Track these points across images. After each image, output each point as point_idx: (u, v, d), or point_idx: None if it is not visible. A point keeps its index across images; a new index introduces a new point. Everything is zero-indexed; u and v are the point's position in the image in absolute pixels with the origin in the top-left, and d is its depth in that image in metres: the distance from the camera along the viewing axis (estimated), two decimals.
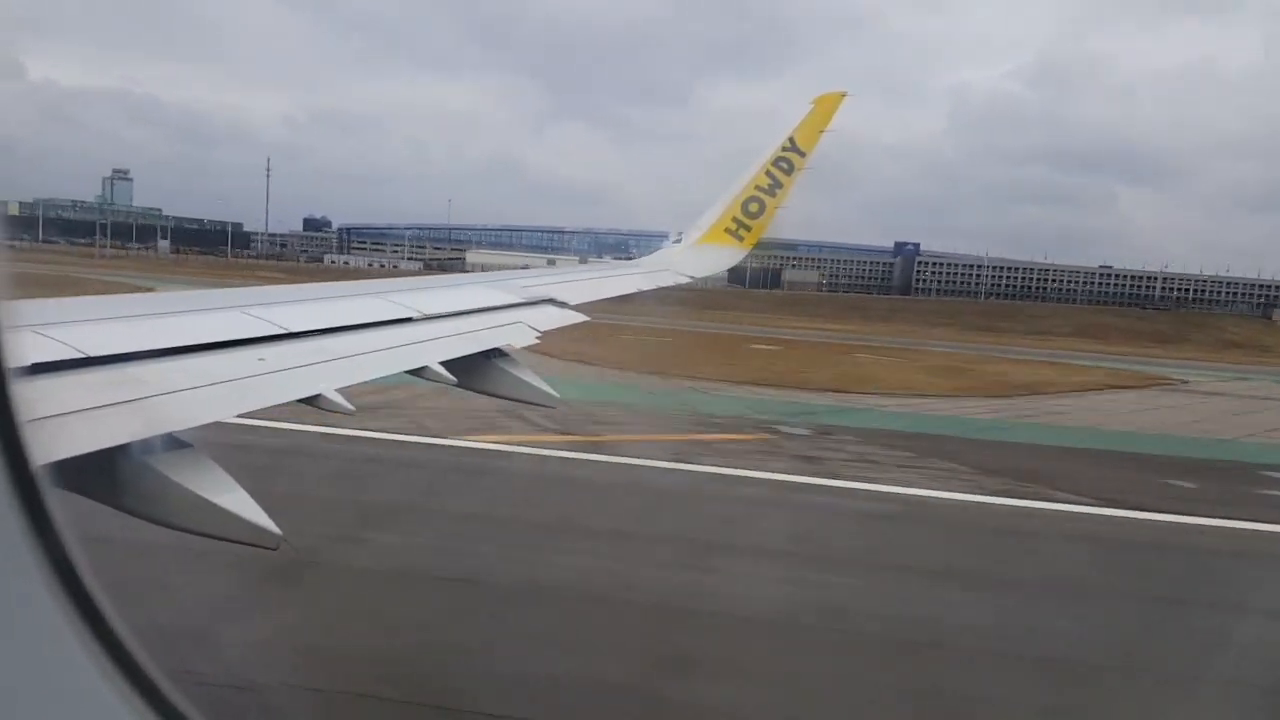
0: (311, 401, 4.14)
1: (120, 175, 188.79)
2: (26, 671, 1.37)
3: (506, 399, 6.10)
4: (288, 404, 4.08)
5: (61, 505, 1.47)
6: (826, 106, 10.79)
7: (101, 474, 3.16)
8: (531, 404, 6.20)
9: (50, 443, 2.62)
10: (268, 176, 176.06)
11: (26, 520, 1.39)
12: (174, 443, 3.45)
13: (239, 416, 3.79)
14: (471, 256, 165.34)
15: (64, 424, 2.93)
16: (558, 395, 6.27)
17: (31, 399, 1.41)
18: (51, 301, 4.17)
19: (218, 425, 3.54)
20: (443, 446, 16.75)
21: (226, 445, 3.68)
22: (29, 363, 2.92)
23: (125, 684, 1.46)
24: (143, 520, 3.37)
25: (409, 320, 5.65)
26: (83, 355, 3.38)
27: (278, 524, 3.42)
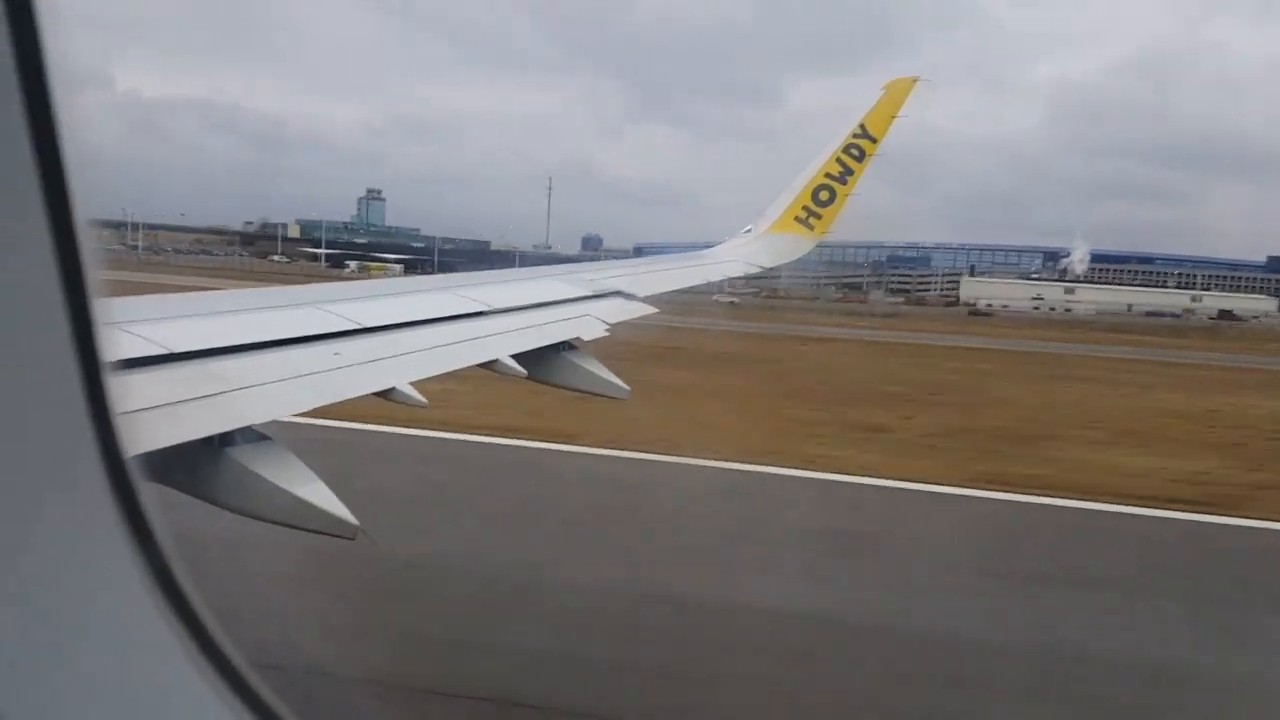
0: (385, 395, 4.20)
1: (374, 195, 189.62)
2: (119, 653, 1.42)
3: (577, 391, 6.11)
4: (362, 397, 4.15)
5: (153, 496, 1.51)
6: (898, 91, 10.54)
7: (185, 465, 3.25)
8: (602, 396, 6.19)
9: (136, 436, 2.69)
10: (549, 195, 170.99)
11: (121, 511, 1.44)
12: (254, 435, 3.54)
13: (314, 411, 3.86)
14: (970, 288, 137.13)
15: (149, 418, 3.01)
16: (627, 388, 6.25)
17: (122, 395, 1.44)
18: (136, 299, 4.30)
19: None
20: None
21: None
22: (116, 359, 3.01)
23: (208, 666, 1.49)
24: (226, 510, 3.46)
25: (480, 314, 5.69)
26: (166, 351, 3.48)
27: None
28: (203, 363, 3.62)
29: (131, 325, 3.54)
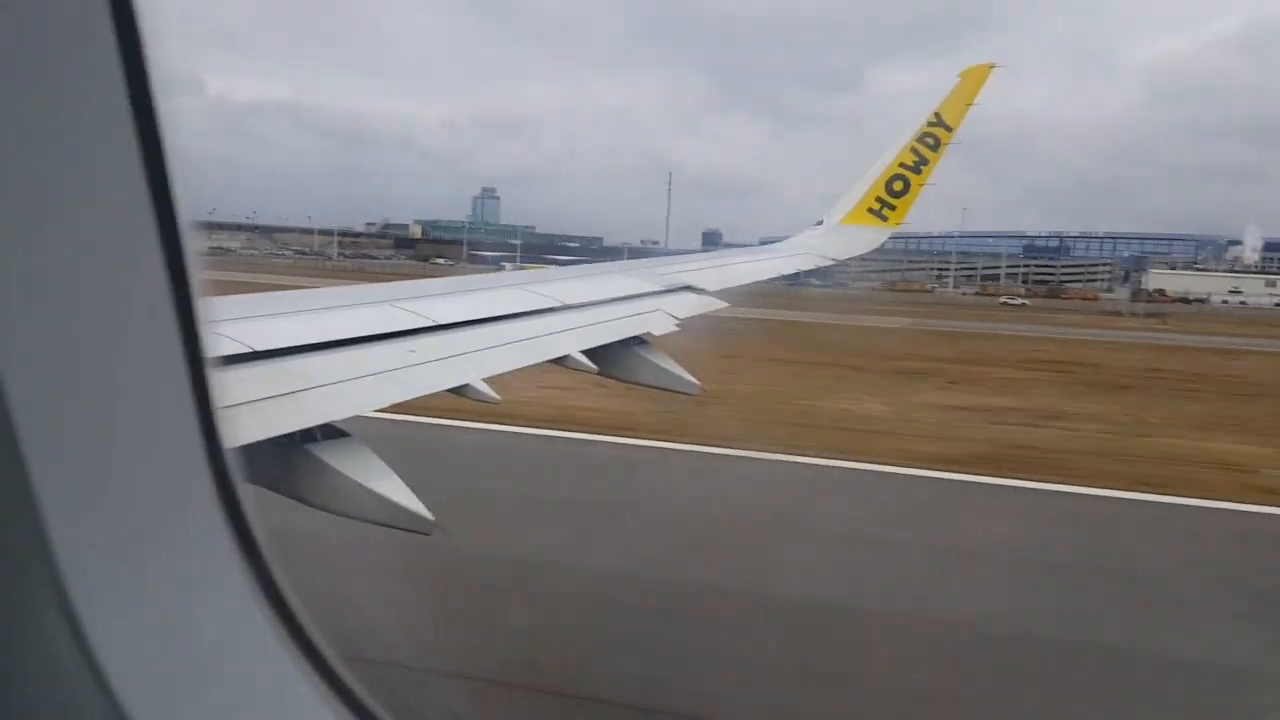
0: (459, 391, 4.25)
1: (489, 194, 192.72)
2: (217, 641, 1.47)
3: (648, 386, 6.11)
4: (437, 394, 4.22)
5: (248, 488, 1.56)
6: (974, 79, 10.29)
7: (266, 462, 3.33)
8: (673, 391, 6.18)
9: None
10: (669, 192, 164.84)
11: (221, 504, 1.49)
12: (333, 431, 3.62)
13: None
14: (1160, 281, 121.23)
15: (232, 415, 3.09)
16: (698, 383, 6.23)
17: (220, 390, 1.50)
18: (218, 299, 4.43)
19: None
20: None
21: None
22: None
23: (301, 657, 1.54)
24: (305, 505, 3.54)
25: (551, 310, 5.73)
26: (249, 350, 3.58)
27: None
28: (283, 361, 3.71)
29: (213, 324, 3.64)
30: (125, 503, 1.34)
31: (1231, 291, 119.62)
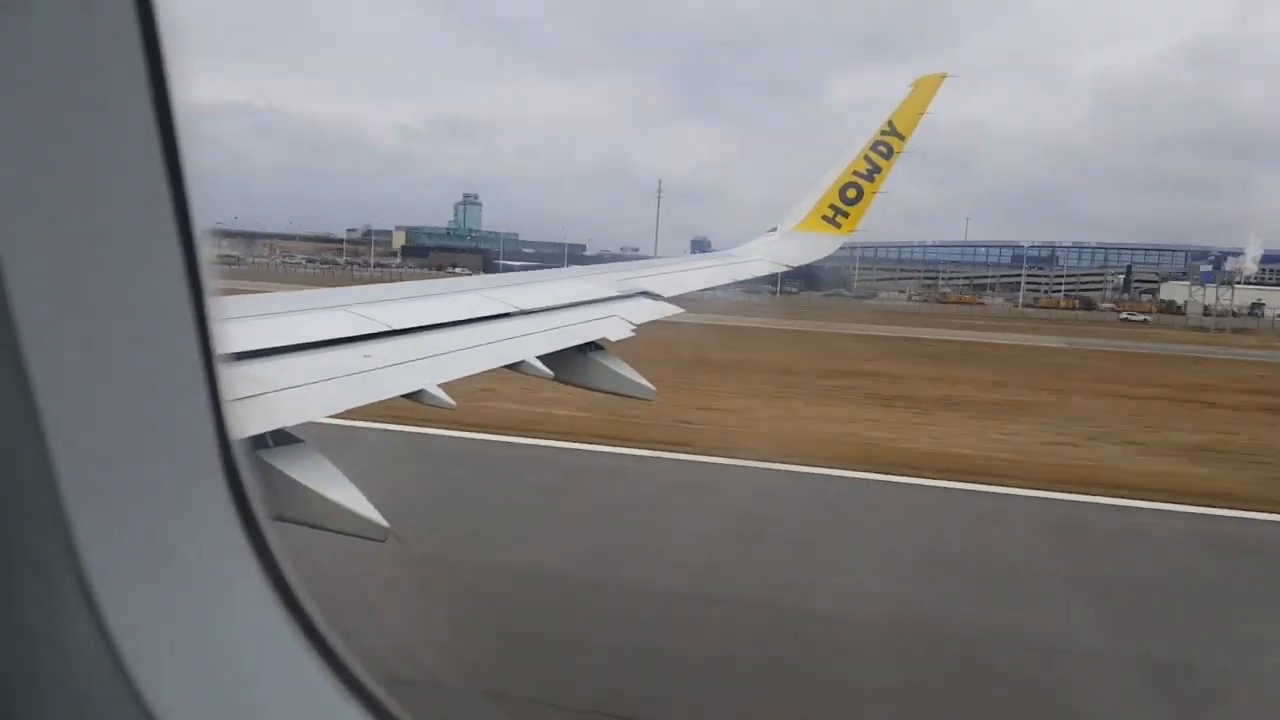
0: (414, 397, 4.24)
1: (471, 200, 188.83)
2: (233, 635, 1.51)
3: (603, 392, 6.14)
4: (392, 399, 4.20)
5: (256, 480, 1.61)
6: (926, 89, 10.47)
7: None
8: (629, 397, 6.21)
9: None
10: (659, 199, 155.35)
11: (231, 494, 1.53)
12: (285, 438, 3.59)
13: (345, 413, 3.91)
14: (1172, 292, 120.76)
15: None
16: (654, 389, 6.27)
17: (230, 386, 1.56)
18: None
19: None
20: None
21: None
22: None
23: (313, 651, 1.58)
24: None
25: (506, 315, 5.73)
26: None
27: None
28: (235, 365, 3.67)
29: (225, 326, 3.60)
30: (147, 497, 1.38)
31: (1255, 305, 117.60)
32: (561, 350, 5.63)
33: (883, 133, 10.33)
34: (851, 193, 10.33)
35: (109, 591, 1.26)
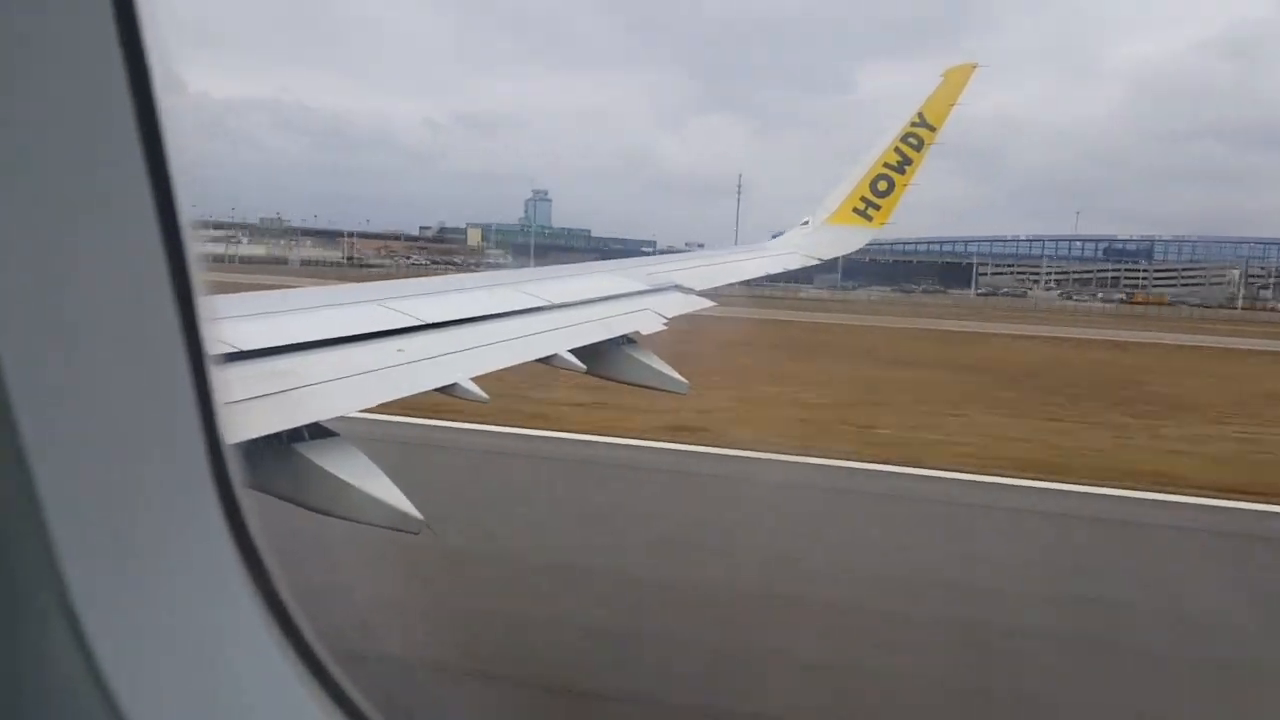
0: (447, 390, 4.24)
1: (540, 196, 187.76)
2: (217, 644, 1.47)
3: (636, 385, 6.11)
4: (425, 393, 4.19)
5: (245, 483, 1.57)
6: (957, 79, 10.34)
7: (254, 461, 3.31)
8: (662, 390, 6.18)
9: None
10: (738, 195, 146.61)
11: (221, 505, 1.49)
12: (321, 431, 3.59)
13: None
14: None
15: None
16: (687, 382, 6.24)
17: (221, 386, 1.52)
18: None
19: None
20: None
21: None
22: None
23: (298, 659, 1.55)
24: (293, 504, 3.52)
25: (539, 309, 5.72)
26: (235, 350, 3.55)
27: None
28: (271, 360, 3.68)
29: (215, 325, 3.61)
30: (128, 503, 1.34)
31: None
32: (593, 344, 5.60)
33: (913, 124, 10.21)
34: (883, 185, 10.22)
35: (90, 604, 1.22)
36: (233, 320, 3.87)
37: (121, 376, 1.33)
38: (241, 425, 3.10)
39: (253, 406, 3.30)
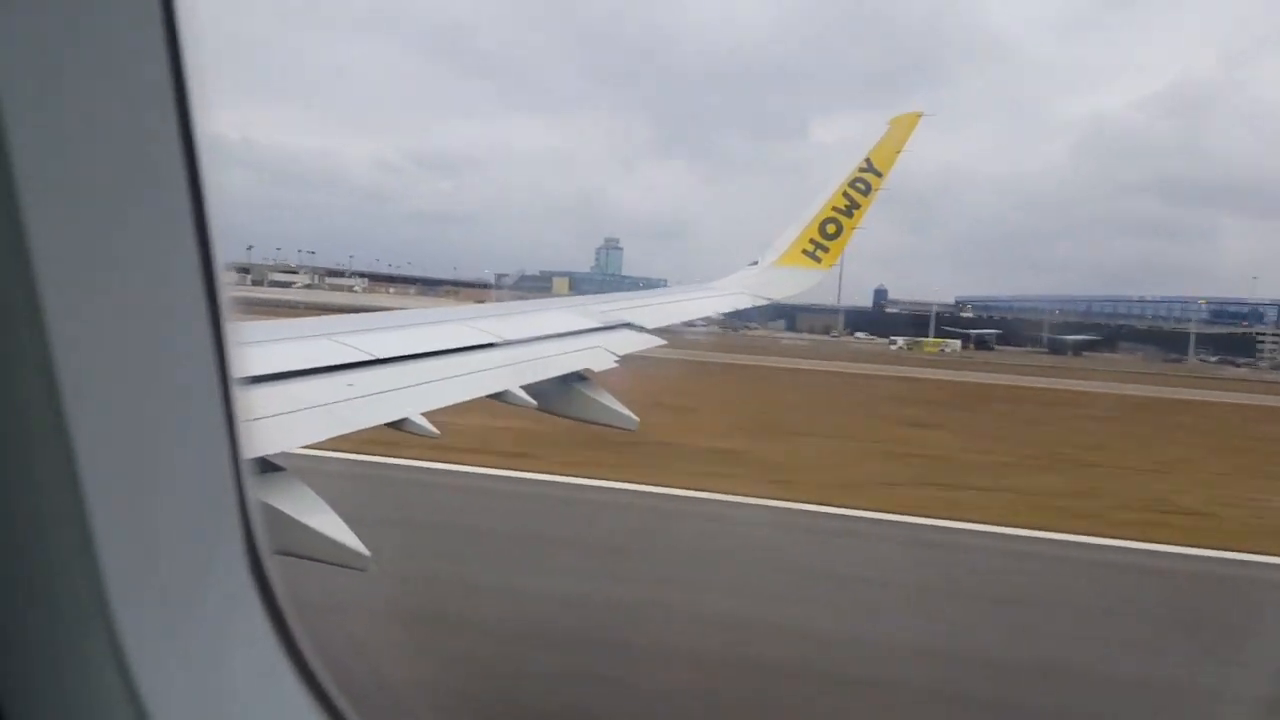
0: (398, 425, 4.23)
1: (612, 245, 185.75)
2: (228, 649, 1.52)
3: (587, 422, 6.13)
4: (375, 428, 4.18)
5: (258, 501, 1.62)
6: (903, 126, 10.69)
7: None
8: (611, 427, 6.21)
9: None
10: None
11: (239, 516, 1.54)
12: (267, 466, 3.56)
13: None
14: None
15: None
16: (637, 419, 6.28)
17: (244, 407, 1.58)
18: None
19: None
20: None
21: None
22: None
23: (294, 670, 1.58)
24: None
25: (491, 345, 5.73)
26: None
27: None
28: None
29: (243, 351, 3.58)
30: (166, 524, 1.39)
31: None
32: (545, 380, 5.63)
33: (861, 170, 10.51)
34: (831, 228, 10.47)
35: (127, 617, 1.26)
36: None
37: (163, 400, 1.37)
38: None
39: None
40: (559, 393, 5.91)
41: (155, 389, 1.36)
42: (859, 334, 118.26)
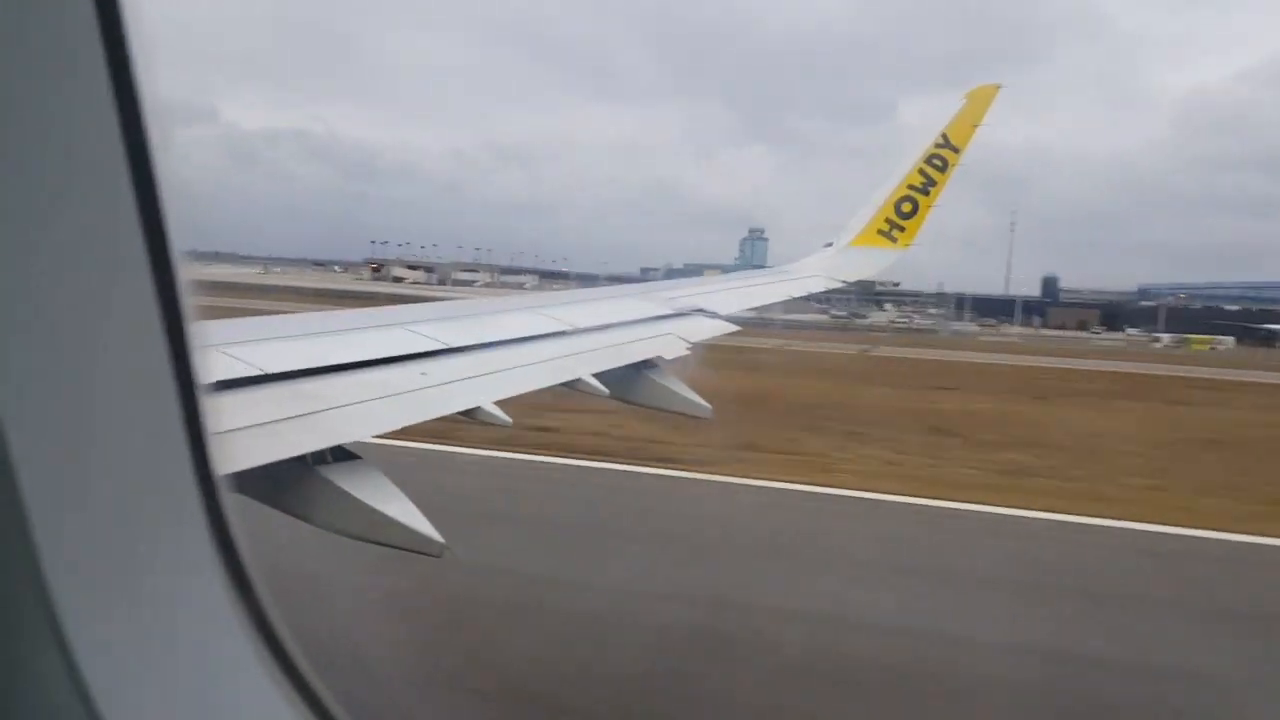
0: (470, 414, 4.25)
1: (757, 235, 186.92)
2: (198, 658, 1.47)
3: (658, 410, 6.10)
4: (449, 416, 4.21)
5: (242, 513, 1.58)
6: (980, 100, 10.34)
7: (281, 483, 3.34)
8: (684, 415, 6.16)
9: (235, 455, 2.78)
10: (1012, 231, 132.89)
11: (210, 526, 1.50)
12: (344, 454, 3.62)
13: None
14: None
15: (244, 437, 3.11)
16: (710, 407, 6.21)
17: (218, 414, 1.51)
18: (233, 322, 4.46)
19: None
20: None
21: None
22: (216, 380, 3.12)
23: (282, 676, 1.54)
24: (317, 527, 3.54)
25: (562, 334, 5.74)
26: (262, 372, 3.59)
27: None
28: (295, 383, 3.72)
29: (228, 347, 3.67)
30: (116, 523, 1.34)
31: None
32: (616, 368, 5.61)
33: (937, 145, 10.20)
34: (907, 206, 10.20)
35: (73, 612, 1.23)
36: (256, 343, 3.91)
37: (110, 398, 1.33)
38: (265, 447, 3.14)
39: (277, 429, 3.33)
40: (630, 381, 5.88)
41: (100, 386, 1.32)
42: (1094, 330, 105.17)
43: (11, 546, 1.18)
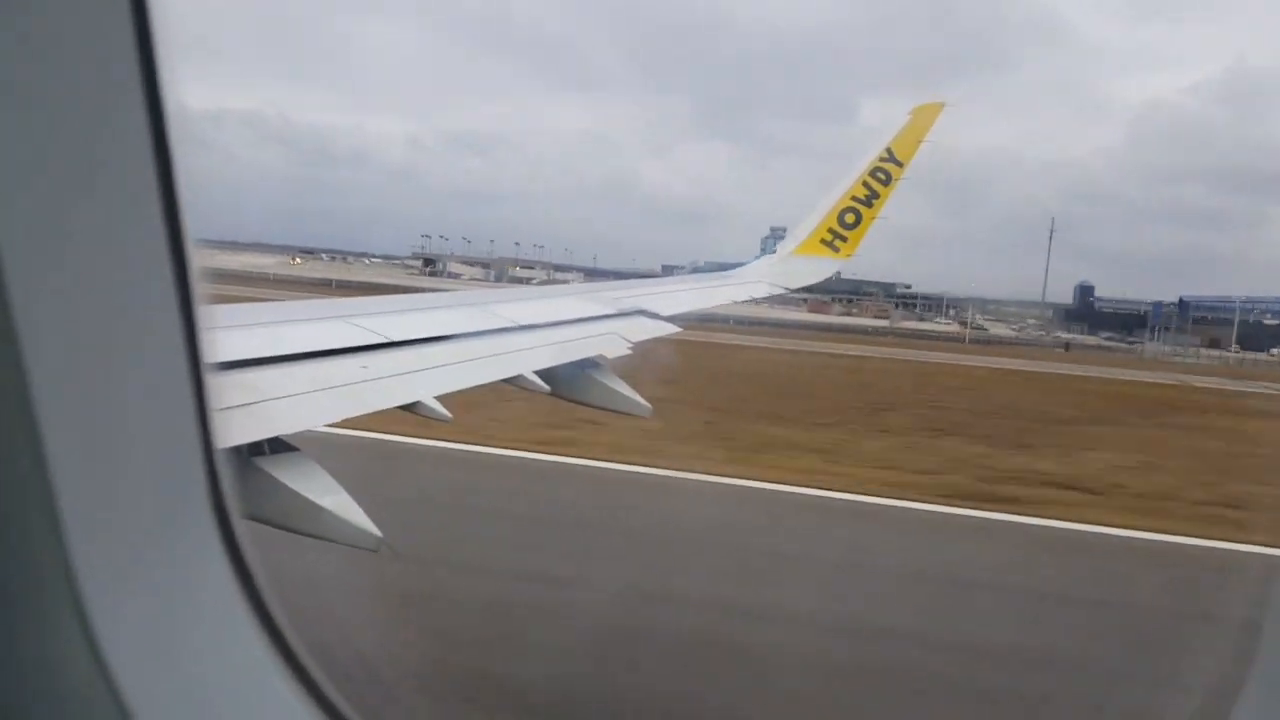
0: (410, 408, 4.27)
1: (778, 234, 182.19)
2: (208, 637, 1.55)
3: (598, 408, 6.16)
4: (388, 410, 4.22)
5: (234, 487, 1.65)
6: (925, 116, 10.61)
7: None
8: (623, 414, 6.24)
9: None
10: (1050, 239, 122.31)
11: (216, 519, 1.56)
12: (281, 445, 3.62)
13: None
14: None
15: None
16: (649, 406, 6.30)
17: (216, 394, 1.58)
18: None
19: None
20: None
21: None
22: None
23: (280, 659, 1.61)
24: (251, 520, 3.53)
25: (504, 330, 5.77)
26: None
27: None
28: (236, 373, 3.70)
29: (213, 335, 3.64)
30: (134, 505, 1.41)
31: None
32: (558, 366, 5.66)
33: (881, 159, 10.44)
34: (850, 217, 10.42)
35: (93, 593, 1.28)
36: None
37: (132, 382, 1.39)
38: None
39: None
40: (572, 378, 5.94)
41: (121, 371, 1.37)
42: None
43: (45, 538, 1.23)
